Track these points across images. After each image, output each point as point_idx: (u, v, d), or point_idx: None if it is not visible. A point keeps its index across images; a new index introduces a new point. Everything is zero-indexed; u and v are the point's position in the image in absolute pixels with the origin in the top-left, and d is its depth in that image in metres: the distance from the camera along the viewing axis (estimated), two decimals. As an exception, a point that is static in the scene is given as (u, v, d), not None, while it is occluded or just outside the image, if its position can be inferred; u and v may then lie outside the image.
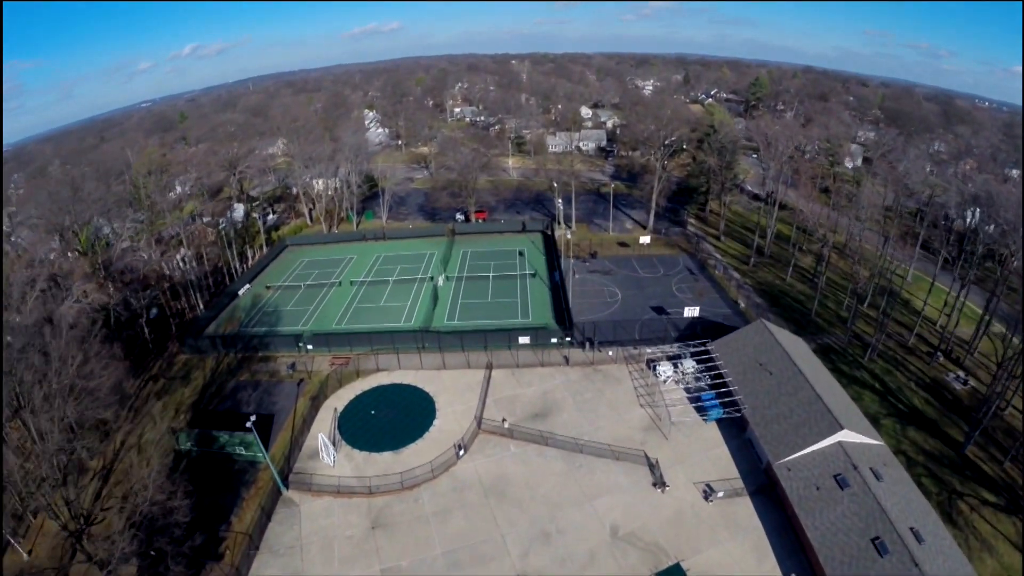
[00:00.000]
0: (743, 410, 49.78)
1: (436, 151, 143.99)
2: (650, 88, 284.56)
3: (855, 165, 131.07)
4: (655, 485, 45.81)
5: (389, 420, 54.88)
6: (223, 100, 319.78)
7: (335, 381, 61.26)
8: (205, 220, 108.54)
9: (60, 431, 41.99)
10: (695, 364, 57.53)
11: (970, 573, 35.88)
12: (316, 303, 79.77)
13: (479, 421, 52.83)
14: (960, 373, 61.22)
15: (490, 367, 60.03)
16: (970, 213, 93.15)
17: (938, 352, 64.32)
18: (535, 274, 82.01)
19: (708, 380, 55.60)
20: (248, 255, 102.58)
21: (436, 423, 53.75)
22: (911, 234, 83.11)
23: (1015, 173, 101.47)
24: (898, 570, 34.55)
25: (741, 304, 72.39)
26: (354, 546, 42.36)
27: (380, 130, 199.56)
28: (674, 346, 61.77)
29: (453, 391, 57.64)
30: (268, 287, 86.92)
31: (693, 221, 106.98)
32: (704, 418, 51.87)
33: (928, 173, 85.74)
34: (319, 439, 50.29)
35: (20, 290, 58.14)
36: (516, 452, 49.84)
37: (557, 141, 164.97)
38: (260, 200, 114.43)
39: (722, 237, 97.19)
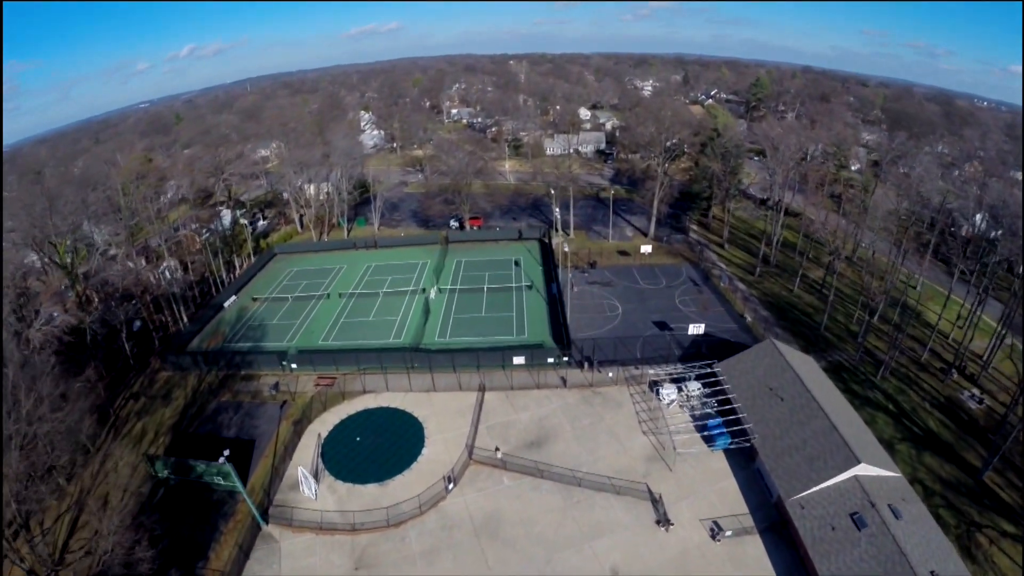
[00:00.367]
0: (753, 440, 46.54)
1: (431, 153, 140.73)
2: (649, 89, 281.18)
3: (860, 167, 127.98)
4: (659, 523, 42.58)
5: (375, 448, 51.60)
6: (220, 101, 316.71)
7: (319, 404, 58.01)
8: (193, 227, 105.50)
9: (15, 478, 38.49)
10: (700, 387, 54.25)
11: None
12: (303, 317, 76.46)
13: (470, 450, 49.54)
14: (975, 391, 58.23)
15: (483, 389, 56.71)
16: (979, 219, 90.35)
17: (952, 369, 61.32)
18: (531, 286, 78.59)
19: (714, 404, 52.35)
20: (236, 264, 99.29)
21: (425, 452, 50.45)
22: (921, 242, 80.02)
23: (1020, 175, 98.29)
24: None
25: (747, 318, 69.13)
26: (334, 592, 39.18)
27: (375, 132, 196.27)
28: (678, 366, 58.45)
29: (443, 416, 54.33)
30: (255, 299, 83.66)
31: (695, 228, 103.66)
32: (711, 447, 48.62)
33: (938, 178, 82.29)
34: (299, 472, 46.99)
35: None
36: (510, 485, 46.55)
37: (555, 143, 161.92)
38: (248, 206, 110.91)
39: (726, 245, 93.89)
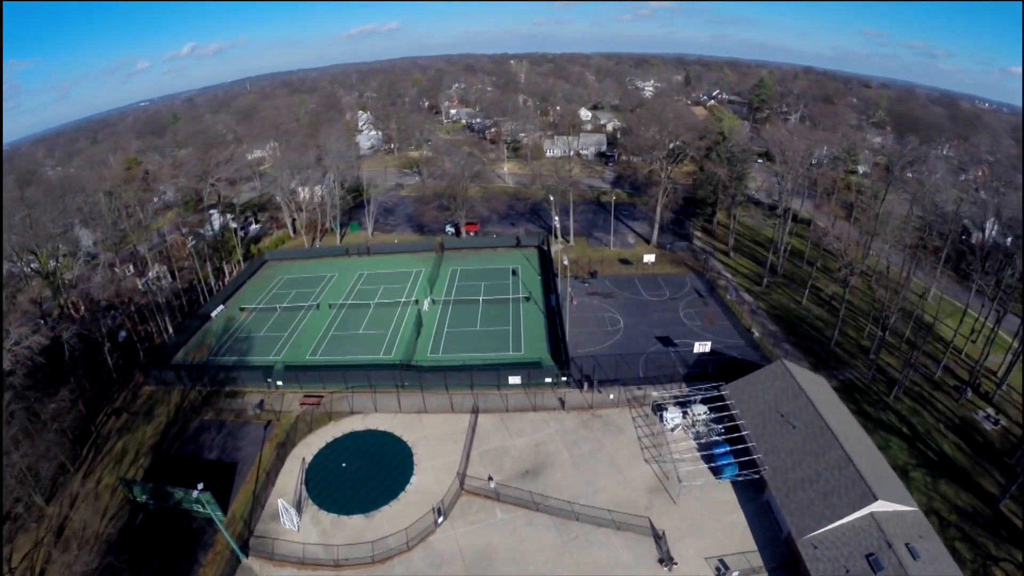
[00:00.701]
0: (763, 472, 43.44)
1: (429, 154, 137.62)
2: (650, 89, 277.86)
3: (867, 171, 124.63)
4: (661, 562, 39.52)
5: (361, 475, 48.52)
6: (219, 100, 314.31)
7: (305, 425, 54.98)
8: (183, 231, 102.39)
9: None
10: (706, 410, 51.11)
11: None
12: (291, 329, 73.36)
13: (462, 479, 46.44)
14: (990, 411, 55.30)
15: (476, 411, 53.54)
16: (990, 226, 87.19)
17: (966, 387, 58.32)
18: (529, 297, 75.37)
19: (721, 430, 49.24)
20: (225, 271, 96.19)
21: (413, 480, 47.37)
22: (933, 251, 76.90)
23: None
24: None
25: (755, 333, 65.96)
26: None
27: (373, 133, 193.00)
28: (683, 386, 55.37)
29: (434, 440, 51.21)
30: (242, 309, 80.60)
31: (699, 234, 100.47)
32: (717, 478, 45.52)
33: (953, 186, 79.00)
34: (279, 504, 43.94)
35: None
36: (503, 519, 43.46)
37: (555, 145, 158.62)
38: (238, 211, 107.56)
39: (731, 253, 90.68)
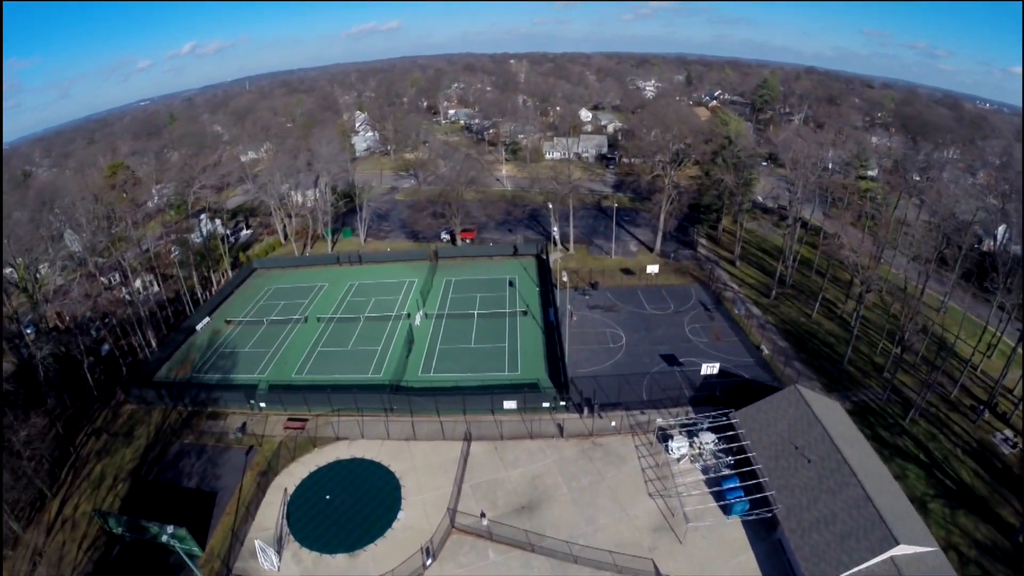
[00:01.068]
0: (776, 511, 40.18)
1: (425, 155, 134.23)
2: (651, 89, 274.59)
3: (874, 175, 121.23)
4: (669, 612, 36.34)
5: (346, 509, 45.26)
6: (218, 100, 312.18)
7: (288, 452, 51.71)
8: (171, 238, 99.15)
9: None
10: (715, 439, 47.82)
11: None
12: (277, 344, 70.09)
13: (452, 516, 43.17)
14: (1008, 433, 52.08)
15: (468, 439, 50.22)
16: (1001, 232, 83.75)
17: (983, 407, 55.17)
18: (526, 312, 71.98)
19: (730, 461, 45.97)
20: (213, 280, 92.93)
21: (401, 516, 44.10)
22: (944, 260, 73.58)
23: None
24: None
25: (764, 351, 62.64)
26: None
27: (370, 133, 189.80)
28: (689, 411, 52.10)
29: (423, 471, 47.92)
30: (228, 321, 77.38)
31: (704, 242, 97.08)
32: (726, 516, 42.24)
33: (973, 195, 75.54)
34: (256, 545, 40.73)
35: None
36: (496, 561, 40.18)
37: (555, 146, 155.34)
38: (226, 216, 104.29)
39: (737, 262, 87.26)
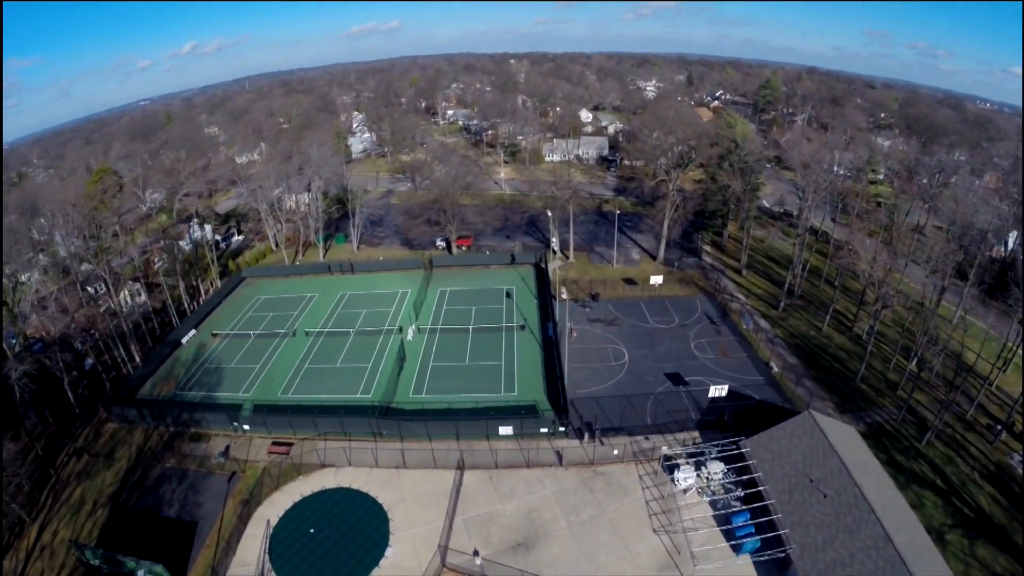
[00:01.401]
0: (789, 550, 37.25)
1: (422, 156, 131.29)
2: (652, 89, 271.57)
3: (879, 179, 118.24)
4: (677, 665, 33.40)
5: (331, 545, 42.29)
6: (216, 100, 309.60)
7: (271, 480, 48.80)
8: (159, 243, 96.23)
9: None
10: (724, 468, 44.84)
11: None
12: (264, 359, 67.14)
13: (443, 553, 40.21)
14: (1024, 455, 49.32)
15: (461, 467, 47.20)
16: (1012, 239, 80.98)
17: (1000, 427, 52.31)
18: (524, 326, 68.91)
19: (741, 494, 43.01)
20: (201, 289, 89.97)
21: (389, 553, 41.12)
22: (961, 271, 70.60)
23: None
24: None
25: (774, 368, 59.64)
26: None
27: (366, 135, 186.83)
28: (696, 437, 49.12)
29: (413, 502, 44.96)
30: (214, 334, 74.49)
31: (709, 249, 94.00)
32: (736, 552, 39.31)
33: (992, 202, 72.44)
34: (228, 588, 37.89)
35: None
36: (490, 606, 37.35)
37: (555, 148, 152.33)
38: (214, 223, 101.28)
39: (743, 271, 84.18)
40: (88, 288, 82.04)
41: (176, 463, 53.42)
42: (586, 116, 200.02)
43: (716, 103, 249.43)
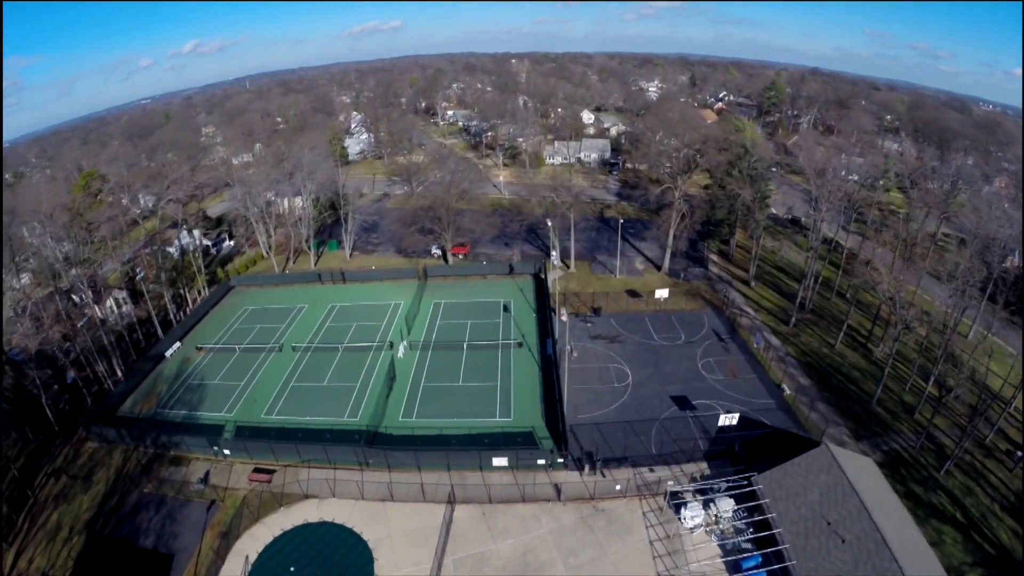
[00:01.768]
0: (810, 603, 34.13)
1: (420, 158, 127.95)
2: (654, 90, 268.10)
3: (888, 185, 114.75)
4: None
5: (310, 587, 39.40)
6: (215, 99, 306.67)
7: (251, 511, 45.82)
8: (147, 251, 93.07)
9: None
10: (734, 505, 41.67)
11: None
12: (249, 376, 64.01)
13: (431, 601, 37.17)
14: (1047, 481, 46.34)
15: (452, 502, 44.07)
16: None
17: (1019, 452, 49.28)
18: (522, 343, 65.61)
19: (752, 533, 39.84)
20: (188, 299, 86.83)
21: (372, 599, 38.17)
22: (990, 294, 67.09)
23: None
24: None
25: (786, 390, 56.39)
26: None
27: (364, 136, 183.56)
28: (704, 469, 45.93)
29: (400, 539, 41.80)
30: (199, 348, 71.42)
31: (715, 258, 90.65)
32: (751, 601, 36.23)
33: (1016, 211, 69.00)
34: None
35: None
36: (480, 663, 34.21)
37: (556, 151, 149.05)
38: (203, 227, 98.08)
39: (752, 282, 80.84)
40: (73, 296, 79.10)
41: (154, 488, 50.94)
42: (588, 117, 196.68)
43: (720, 104, 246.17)
